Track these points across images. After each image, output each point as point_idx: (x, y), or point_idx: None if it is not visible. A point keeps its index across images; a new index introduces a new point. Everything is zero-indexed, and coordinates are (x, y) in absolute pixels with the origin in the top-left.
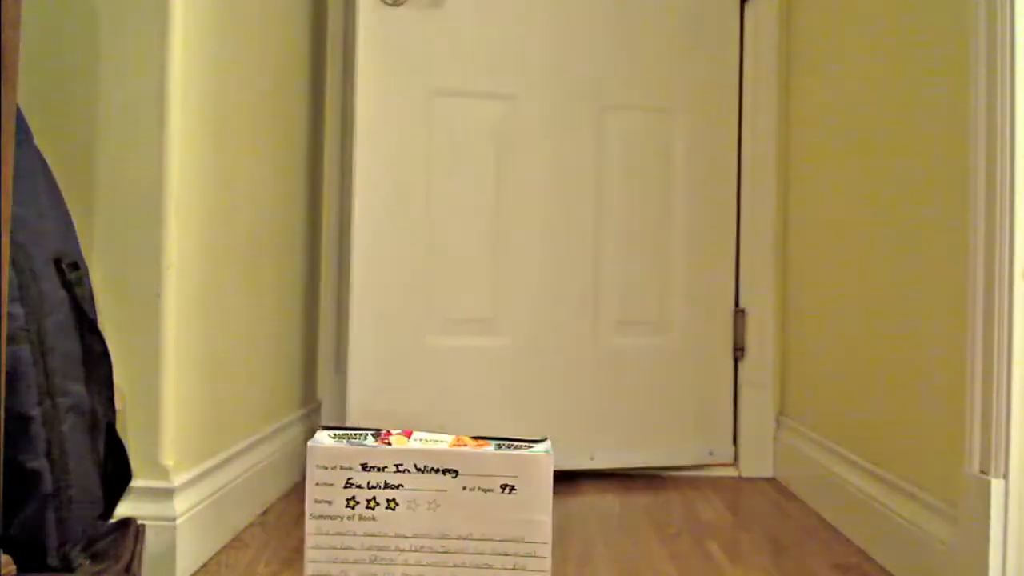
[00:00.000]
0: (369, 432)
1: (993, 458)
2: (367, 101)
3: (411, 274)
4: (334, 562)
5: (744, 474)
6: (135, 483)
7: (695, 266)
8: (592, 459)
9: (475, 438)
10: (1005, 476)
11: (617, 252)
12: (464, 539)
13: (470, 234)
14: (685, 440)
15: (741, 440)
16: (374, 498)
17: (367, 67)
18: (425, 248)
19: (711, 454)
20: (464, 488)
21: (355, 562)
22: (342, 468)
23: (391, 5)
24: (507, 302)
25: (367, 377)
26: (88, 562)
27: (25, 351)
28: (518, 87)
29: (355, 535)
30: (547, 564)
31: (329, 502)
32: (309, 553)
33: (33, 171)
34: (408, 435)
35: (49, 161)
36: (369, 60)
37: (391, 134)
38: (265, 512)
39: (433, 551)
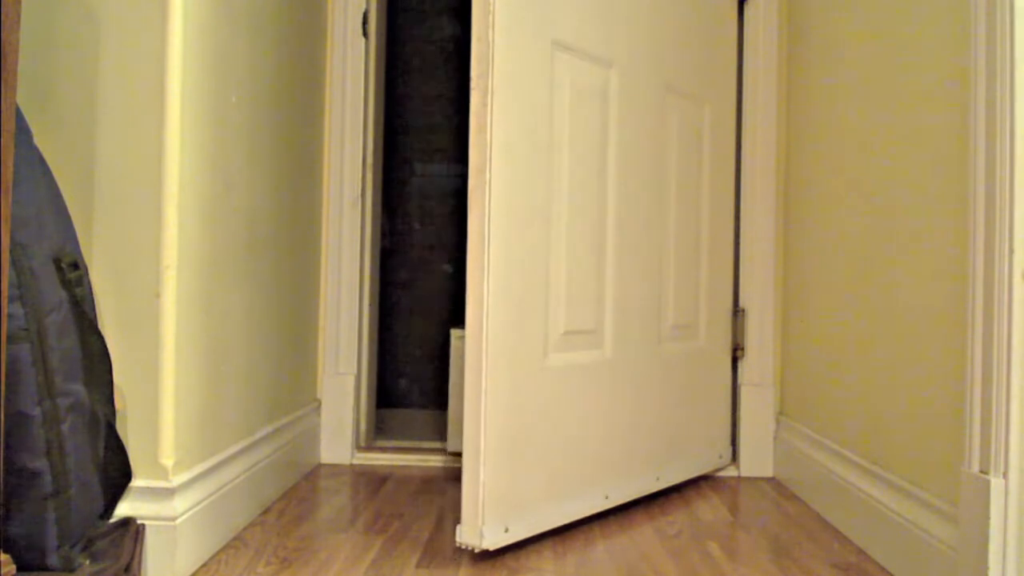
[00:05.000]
0: None
1: (993, 457)
2: (503, 50)
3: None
4: None
5: (744, 474)
6: (135, 483)
7: (710, 265)
8: (657, 479)
9: None
10: (1005, 475)
11: (675, 247)
12: None
13: (584, 229)
14: (710, 445)
15: (741, 440)
16: None
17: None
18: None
19: (720, 457)
20: None
21: None
22: None
23: None
24: (609, 312)
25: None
26: (88, 562)
27: (25, 351)
28: (612, 53)
29: None
30: None
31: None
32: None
33: (33, 171)
34: None
35: (49, 161)
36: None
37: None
38: (265, 512)
39: None
